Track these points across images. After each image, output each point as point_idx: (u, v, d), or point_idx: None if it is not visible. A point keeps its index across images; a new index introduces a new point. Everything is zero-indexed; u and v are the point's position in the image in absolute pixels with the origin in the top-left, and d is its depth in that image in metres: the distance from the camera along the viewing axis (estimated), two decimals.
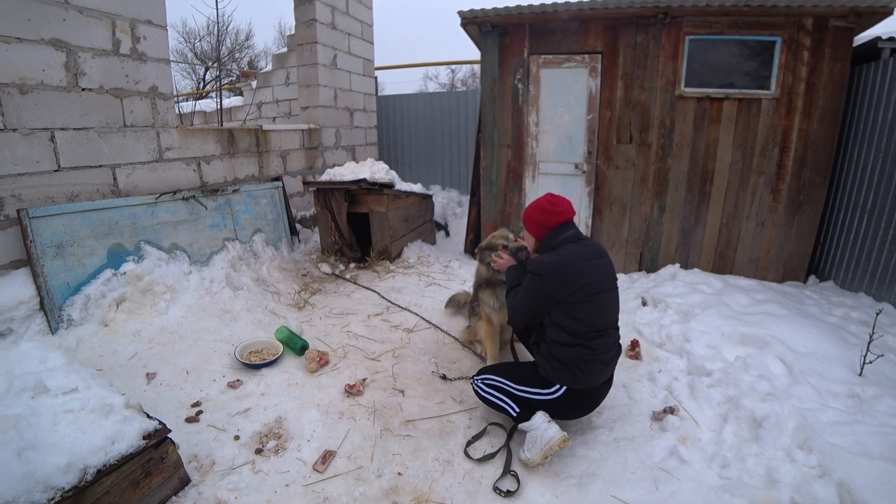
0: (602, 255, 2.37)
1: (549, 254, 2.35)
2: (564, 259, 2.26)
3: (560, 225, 2.41)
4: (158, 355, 3.29)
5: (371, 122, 7.92)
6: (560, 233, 2.40)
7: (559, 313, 2.28)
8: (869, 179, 4.06)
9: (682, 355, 3.25)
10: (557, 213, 2.40)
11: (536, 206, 2.47)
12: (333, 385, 3.07)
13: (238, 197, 4.68)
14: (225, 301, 3.98)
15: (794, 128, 4.35)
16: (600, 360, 2.32)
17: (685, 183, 4.70)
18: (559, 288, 2.24)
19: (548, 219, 2.41)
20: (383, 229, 5.11)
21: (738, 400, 2.70)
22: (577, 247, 2.33)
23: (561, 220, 2.40)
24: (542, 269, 2.28)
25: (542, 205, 2.44)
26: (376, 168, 5.15)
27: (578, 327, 2.26)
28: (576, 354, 2.27)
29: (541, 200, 2.47)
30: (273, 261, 4.87)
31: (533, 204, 2.52)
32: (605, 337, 2.32)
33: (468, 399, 2.94)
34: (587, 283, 2.24)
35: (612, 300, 2.37)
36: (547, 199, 2.45)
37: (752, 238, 4.68)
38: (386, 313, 4.13)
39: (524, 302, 2.39)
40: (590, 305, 2.26)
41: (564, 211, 2.42)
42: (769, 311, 3.56)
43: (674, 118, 4.56)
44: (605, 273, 2.35)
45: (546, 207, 2.42)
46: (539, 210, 2.44)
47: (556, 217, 2.40)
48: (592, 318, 2.28)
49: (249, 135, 5.17)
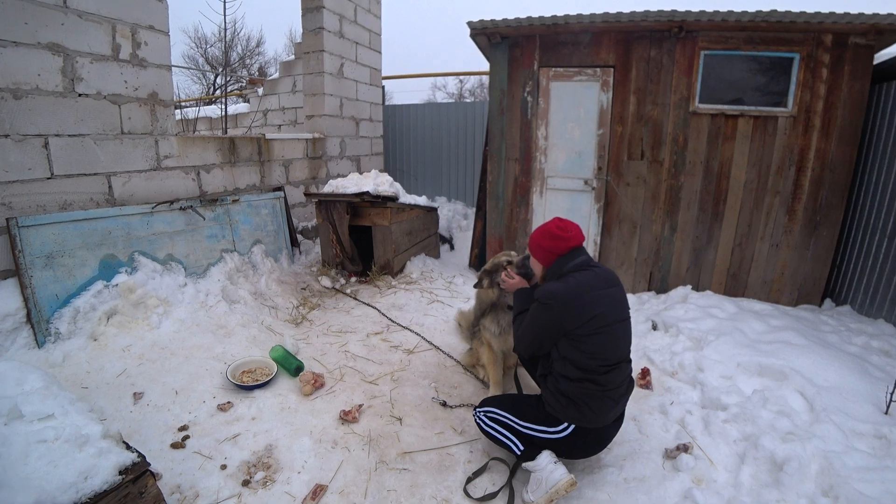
0: (614, 284, 2.23)
1: (557, 282, 2.21)
2: (574, 288, 2.12)
3: (569, 251, 2.27)
4: (147, 373, 3.16)
5: (377, 131, 7.82)
6: (569, 259, 2.25)
7: (567, 345, 2.14)
8: (889, 201, 3.90)
9: (695, 386, 3.09)
10: (566, 239, 2.26)
11: (544, 231, 2.33)
12: (328, 410, 2.92)
13: (238, 207, 4.57)
14: (220, 316, 3.85)
15: (811, 147, 4.21)
16: (611, 396, 2.17)
17: (697, 201, 4.55)
18: (567, 319, 2.10)
19: (556, 245, 2.27)
20: (386, 243, 4.98)
21: (757, 439, 2.53)
22: (587, 275, 2.18)
23: (570, 245, 2.26)
24: (549, 299, 2.13)
25: (549, 230, 2.30)
26: (380, 180, 5.03)
27: (588, 361, 2.11)
28: (585, 390, 2.12)
29: (548, 225, 2.33)
30: (272, 273, 4.75)
31: (540, 229, 2.37)
32: (616, 371, 2.17)
33: (469, 429, 2.79)
34: (597, 315, 2.10)
35: (623, 332, 2.22)
36: (555, 224, 2.31)
37: (767, 260, 4.52)
38: (386, 332, 3.98)
39: (530, 331, 2.25)
40: (600, 338, 2.11)
41: (574, 236, 2.28)
42: (787, 340, 3.40)
43: (687, 135, 4.43)
44: (617, 303, 2.21)
45: (554, 233, 2.28)
46: (547, 235, 2.30)
47: (564, 243, 2.26)
48: (603, 351, 2.13)
49: (251, 143, 5.07)
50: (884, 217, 3.94)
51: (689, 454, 2.54)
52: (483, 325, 3.04)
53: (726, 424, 2.72)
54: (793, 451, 2.40)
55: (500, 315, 2.93)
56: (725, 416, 2.77)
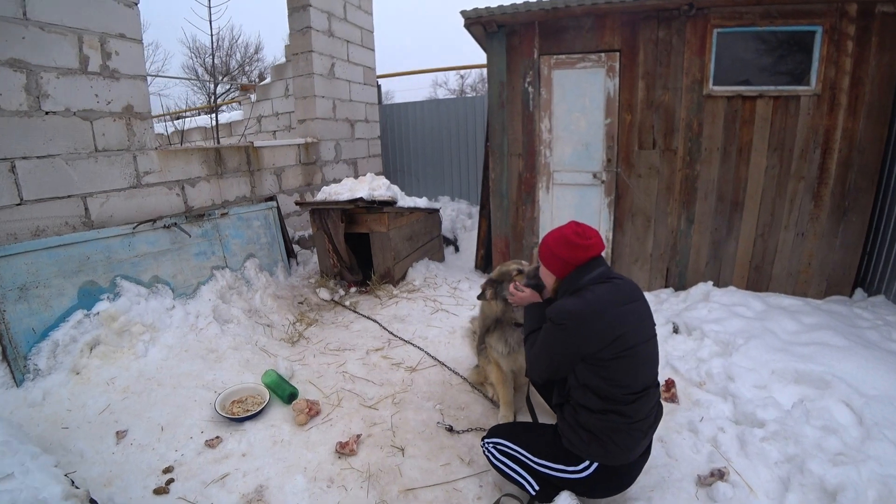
0: (637, 298, 1.95)
1: (572, 297, 1.92)
2: (593, 305, 1.84)
3: (588, 261, 1.96)
4: (132, 408, 2.94)
5: (374, 132, 7.57)
6: (587, 271, 1.95)
7: (587, 372, 1.86)
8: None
9: (726, 398, 2.80)
10: (586, 248, 1.95)
11: (559, 237, 2.01)
12: (324, 442, 2.69)
13: (227, 221, 4.34)
14: (211, 339, 3.63)
15: (837, 127, 3.87)
16: (639, 428, 1.89)
17: (715, 191, 4.24)
18: (587, 342, 1.83)
19: (574, 254, 1.95)
20: (385, 251, 4.73)
21: (803, 462, 2.25)
22: (606, 289, 1.90)
23: (590, 255, 1.95)
24: (564, 318, 1.85)
25: (566, 236, 1.98)
26: (376, 184, 4.77)
27: (611, 390, 1.84)
28: (609, 423, 1.85)
29: (565, 231, 2.02)
30: (267, 288, 4.52)
31: (554, 234, 2.05)
32: (643, 399, 1.90)
33: (479, 458, 2.53)
34: (621, 336, 1.82)
35: (650, 353, 1.95)
36: (572, 230, 2.00)
37: (792, 250, 4.20)
38: (387, 348, 3.74)
39: (543, 355, 1.98)
40: (624, 362, 1.84)
41: (594, 244, 1.97)
42: (824, 341, 3.09)
43: (701, 120, 4.11)
44: (642, 320, 1.93)
45: (572, 240, 1.96)
46: (563, 243, 1.98)
47: (584, 252, 1.95)
48: (628, 377, 1.86)
49: (239, 153, 4.84)
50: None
51: (725, 481, 2.27)
52: (489, 344, 2.76)
53: (765, 443, 2.44)
54: (846, 477, 2.11)
55: (507, 332, 2.66)
56: (763, 433, 2.48)
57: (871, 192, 3.92)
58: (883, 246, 4.00)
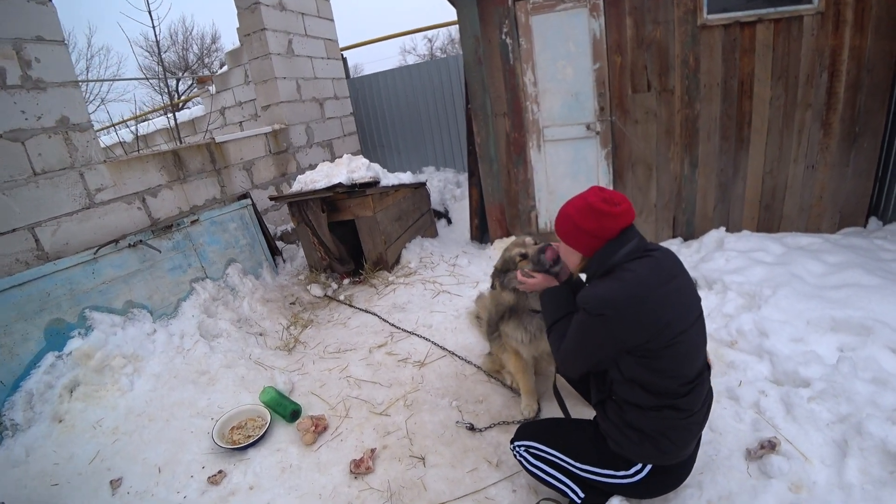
0: (679, 272, 1.66)
1: (607, 280, 1.60)
2: (634, 289, 1.54)
3: (620, 233, 1.63)
4: (125, 450, 2.69)
5: (345, 109, 7.11)
6: (619, 244, 1.62)
7: (635, 365, 1.60)
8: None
9: (762, 356, 2.59)
10: (616, 216, 1.61)
11: (583, 206, 1.65)
12: (336, 461, 2.47)
13: (199, 228, 4.00)
14: (200, 359, 3.36)
15: (844, 46, 3.54)
16: (695, 421, 1.67)
17: (718, 130, 3.94)
18: (632, 333, 1.55)
19: (603, 225, 1.61)
20: (374, 236, 4.43)
21: (859, 422, 2.05)
22: (646, 266, 1.58)
23: (621, 225, 1.62)
24: (603, 308, 1.55)
25: (591, 204, 1.62)
26: (354, 165, 4.42)
27: (664, 383, 1.59)
28: (663, 421, 1.62)
29: (588, 198, 1.65)
30: (255, 293, 4.23)
31: (575, 204, 1.69)
32: (699, 387, 1.66)
33: (507, 458, 2.33)
34: (670, 321, 1.54)
35: (701, 334, 1.68)
36: (598, 196, 1.64)
37: (802, 184, 3.94)
38: (390, 342, 3.49)
39: (580, 349, 1.70)
40: (677, 349, 1.57)
41: (625, 211, 1.63)
42: (855, 281, 2.88)
43: (698, 54, 3.76)
44: (690, 297, 1.65)
45: (599, 208, 1.61)
46: (588, 212, 1.63)
47: (614, 222, 1.61)
48: (683, 366, 1.60)
49: (200, 152, 4.44)
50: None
51: (777, 453, 2.08)
52: (505, 333, 2.50)
53: (813, 404, 2.24)
54: None
55: (525, 320, 2.39)
56: (809, 392, 2.29)
57: (883, 113, 3.63)
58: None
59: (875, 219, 3.96)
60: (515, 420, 2.58)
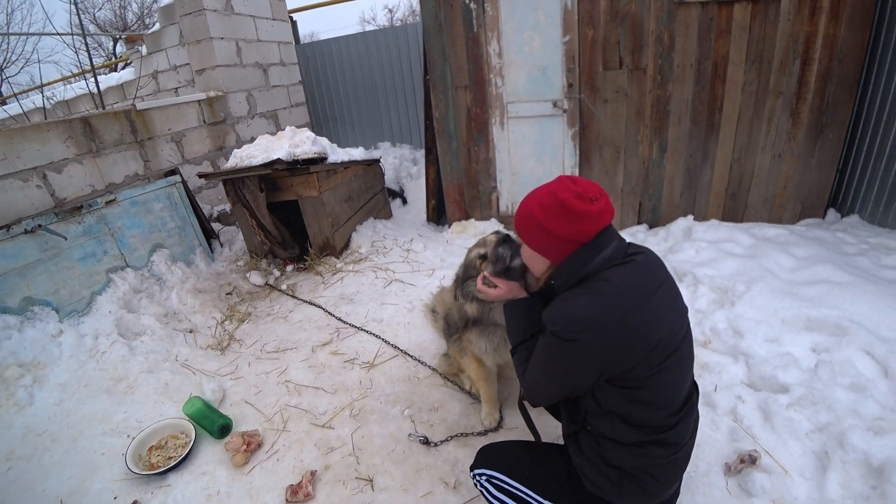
0: (665, 278, 1.38)
1: (581, 294, 1.30)
2: (616, 306, 1.24)
3: (596, 235, 1.33)
4: (21, 480, 2.27)
5: (293, 77, 6.52)
6: (596, 248, 1.32)
7: (615, 396, 1.33)
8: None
9: (737, 358, 2.44)
10: (595, 216, 1.29)
11: (552, 203, 1.32)
12: (271, 486, 2.14)
13: (117, 209, 3.48)
14: (117, 363, 2.92)
15: (818, 34, 3.38)
16: (683, 456, 1.44)
17: (689, 113, 3.75)
18: (615, 360, 1.27)
19: (580, 228, 1.30)
20: (320, 218, 4.02)
21: (841, 433, 1.93)
22: (629, 274, 1.30)
23: (600, 226, 1.31)
24: (577, 331, 1.24)
25: (563, 202, 1.29)
26: (298, 139, 3.96)
27: (649, 415, 1.34)
28: (647, 459, 1.37)
29: (558, 192, 1.31)
30: (185, 282, 3.77)
31: (541, 198, 1.35)
32: (687, 415, 1.41)
33: (465, 478, 2.08)
34: (662, 339, 1.27)
35: (690, 350, 1.42)
36: (570, 190, 1.30)
37: (768, 173, 3.83)
38: (336, 340, 3.15)
39: (548, 378, 1.40)
40: (665, 375, 1.30)
41: (604, 209, 1.31)
42: (826, 277, 2.77)
43: (673, 32, 3.52)
44: (679, 308, 1.39)
45: (574, 207, 1.28)
46: (558, 213, 1.30)
47: (592, 223, 1.30)
48: (670, 393, 1.35)
49: (118, 120, 3.85)
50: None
51: (757, 467, 1.92)
52: (468, 339, 2.20)
53: (791, 412, 2.10)
54: (893, 449, 1.80)
55: (489, 330, 2.09)
56: (788, 399, 2.15)
57: (850, 106, 3.54)
58: (857, 163, 3.71)
59: (833, 210, 3.94)
60: (475, 431, 2.32)
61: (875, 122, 3.48)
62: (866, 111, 3.57)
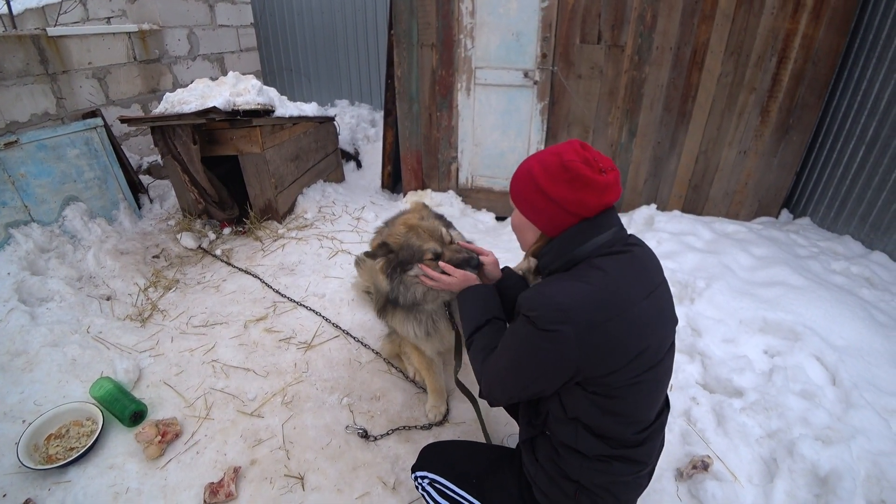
0: (661, 282, 1.24)
1: (568, 280, 1.15)
2: (608, 299, 1.10)
3: (598, 214, 1.18)
4: None
5: (245, 18, 5.90)
6: (595, 229, 1.18)
7: (584, 402, 1.18)
8: (874, 104, 3.17)
9: (693, 357, 2.38)
10: (601, 188, 1.13)
11: (554, 164, 1.16)
12: (188, 484, 1.91)
13: (19, 153, 2.99)
14: (14, 334, 2.53)
15: (798, 32, 3.27)
16: (647, 474, 1.33)
17: (663, 99, 3.61)
18: (593, 361, 1.10)
19: (583, 198, 1.14)
20: (262, 178, 3.66)
21: (791, 441, 1.91)
22: (625, 265, 1.16)
23: (606, 201, 1.15)
24: (558, 320, 1.08)
25: (567, 164, 1.13)
26: (242, 87, 3.54)
27: (618, 428, 1.20)
28: (608, 476, 1.24)
29: (563, 153, 1.15)
30: (105, 242, 3.35)
31: (543, 159, 1.19)
32: (656, 433, 1.30)
33: (406, 477, 1.93)
34: (646, 350, 1.14)
35: (671, 364, 1.29)
36: (577, 152, 1.14)
37: (732, 168, 3.78)
38: (272, 315, 2.88)
39: (514, 372, 1.22)
40: (642, 388, 1.17)
41: (613, 182, 1.15)
42: (783, 280, 2.76)
43: (656, 11, 3.33)
44: (670, 316, 1.25)
45: (579, 171, 1.12)
46: (561, 175, 1.14)
47: (598, 196, 1.14)
48: (642, 408, 1.22)
49: (23, 46, 3.27)
50: (864, 121, 3.25)
51: (709, 474, 1.87)
52: (393, 328, 1.97)
53: (744, 415, 2.08)
54: (840, 461, 1.80)
55: (418, 313, 1.86)
56: (741, 403, 2.12)
57: (817, 110, 3.50)
58: (815, 167, 3.73)
59: (786, 211, 3.97)
60: (419, 425, 2.17)
61: (838, 128, 3.48)
62: (831, 116, 3.56)
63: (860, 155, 3.27)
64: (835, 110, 3.53)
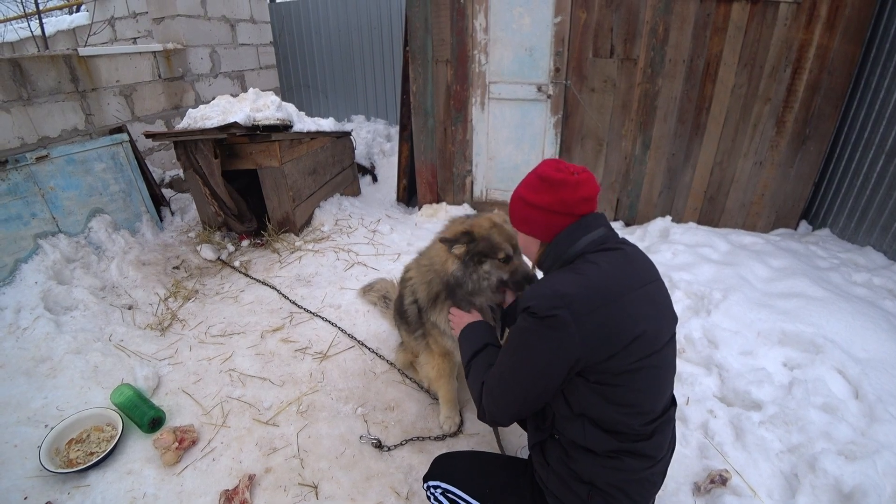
0: (655, 277, 1.29)
1: (565, 273, 1.23)
2: (599, 286, 1.17)
3: (583, 216, 1.28)
4: None
5: (264, 36, 6.08)
6: (583, 230, 1.28)
7: (588, 393, 1.20)
8: (892, 112, 3.13)
9: (710, 369, 2.35)
10: (573, 184, 1.25)
11: (531, 180, 1.33)
12: (204, 491, 1.94)
13: (50, 167, 3.11)
14: (40, 341, 2.62)
15: (812, 43, 3.27)
16: (660, 470, 1.33)
17: (676, 111, 3.62)
18: (592, 344, 1.13)
19: (561, 197, 1.26)
20: (280, 191, 3.73)
21: (813, 456, 1.85)
22: (615, 260, 1.23)
23: (582, 194, 1.26)
24: (556, 305, 1.13)
25: (541, 174, 1.30)
26: (262, 103, 3.64)
27: (624, 419, 1.21)
28: (621, 473, 1.24)
29: (537, 170, 1.33)
30: (128, 253, 3.44)
31: (524, 181, 1.37)
32: (665, 427, 1.30)
33: (419, 488, 1.92)
34: (641, 335, 1.16)
35: (672, 358, 1.31)
36: (548, 165, 1.31)
37: (748, 180, 3.75)
38: (288, 326, 2.92)
39: (515, 376, 1.24)
40: (643, 375, 1.19)
41: (584, 180, 1.27)
42: (802, 291, 2.71)
43: (668, 24, 3.36)
44: (666, 310, 1.29)
45: (551, 176, 1.27)
46: (539, 184, 1.30)
47: (572, 191, 1.25)
48: (647, 398, 1.23)
49: (56, 66, 3.43)
50: (882, 131, 3.21)
51: (727, 488, 1.84)
52: (434, 324, 1.95)
53: (764, 429, 2.03)
54: (864, 475, 1.75)
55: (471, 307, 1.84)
56: (760, 417, 2.07)
57: (834, 120, 3.47)
58: (834, 177, 3.68)
59: (805, 223, 3.91)
60: (433, 435, 2.17)
61: (856, 138, 3.43)
62: (848, 126, 3.52)
63: (880, 164, 3.22)
64: (852, 120, 3.49)
